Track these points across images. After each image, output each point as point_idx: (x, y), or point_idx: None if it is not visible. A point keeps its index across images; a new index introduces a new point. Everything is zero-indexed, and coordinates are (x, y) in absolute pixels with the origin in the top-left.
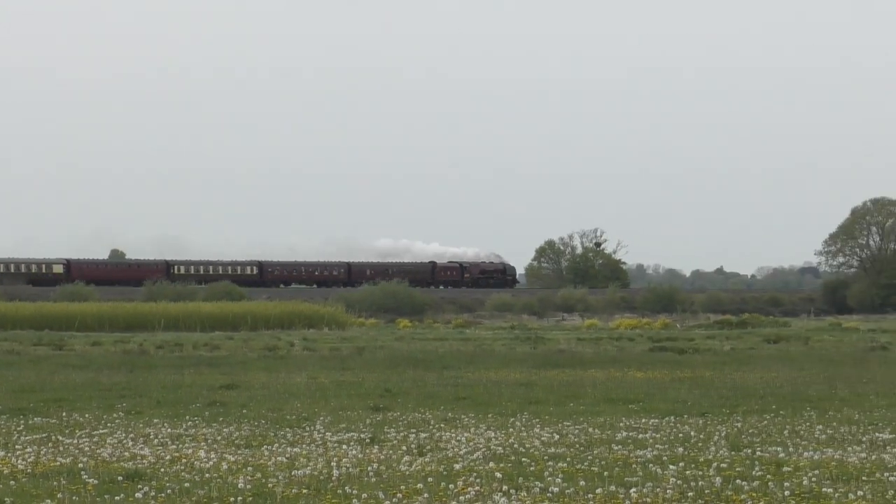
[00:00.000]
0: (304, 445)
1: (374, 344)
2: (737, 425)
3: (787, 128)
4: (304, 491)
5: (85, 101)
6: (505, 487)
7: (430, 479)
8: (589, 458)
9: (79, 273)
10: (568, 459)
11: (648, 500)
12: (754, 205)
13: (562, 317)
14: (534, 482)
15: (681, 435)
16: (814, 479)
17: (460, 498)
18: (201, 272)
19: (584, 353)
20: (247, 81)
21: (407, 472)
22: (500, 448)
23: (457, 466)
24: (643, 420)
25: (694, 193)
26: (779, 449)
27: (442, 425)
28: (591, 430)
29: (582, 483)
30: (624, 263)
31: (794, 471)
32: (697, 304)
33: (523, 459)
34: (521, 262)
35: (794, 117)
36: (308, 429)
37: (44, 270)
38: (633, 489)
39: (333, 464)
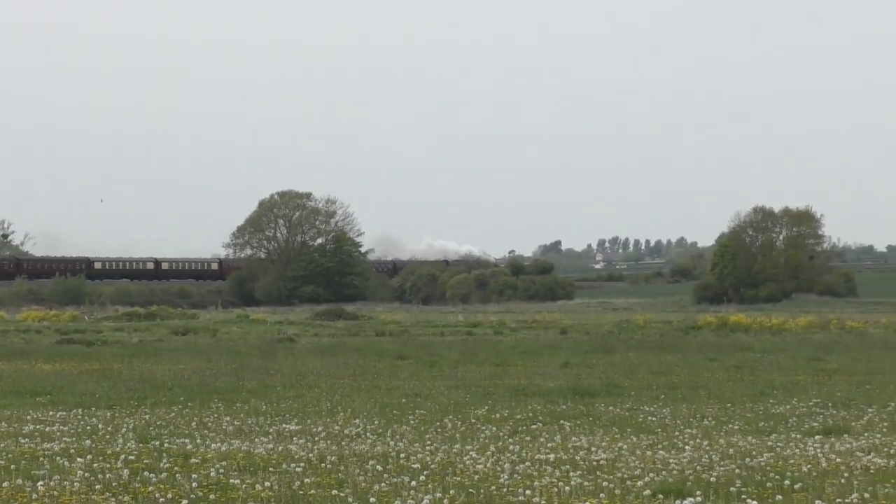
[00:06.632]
0: None
1: None
2: (145, 417)
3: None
4: None
5: None
6: None
7: None
8: None
9: None
10: None
11: (56, 492)
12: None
13: None
14: None
15: (88, 427)
16: (221, 470)
17: None
18: None
19: None
20: None
21: None
22: None
23: None
24: (51, 413)
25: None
26: (187, 441)
27: None
28: None
29: None
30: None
31: (201, 462)
32: (106, 296)
33: None
34: None
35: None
36: None
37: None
38: (41, 482)
39: None
